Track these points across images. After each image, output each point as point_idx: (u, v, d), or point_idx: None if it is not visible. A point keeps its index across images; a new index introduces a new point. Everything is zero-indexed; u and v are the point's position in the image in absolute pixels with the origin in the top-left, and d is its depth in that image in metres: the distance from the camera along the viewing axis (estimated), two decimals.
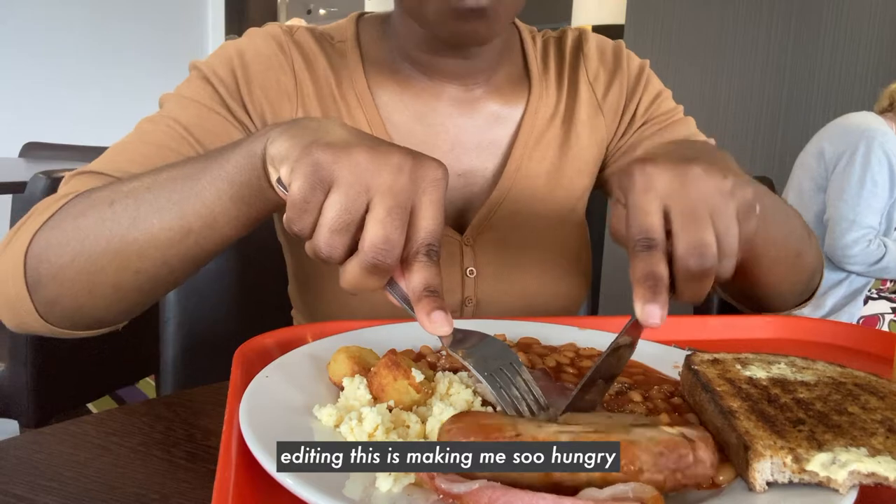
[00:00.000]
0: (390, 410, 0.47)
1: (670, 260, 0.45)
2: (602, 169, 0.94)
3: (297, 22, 4.20)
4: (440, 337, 0.45)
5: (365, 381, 0.49)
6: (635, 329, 0.47)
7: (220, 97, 0.77)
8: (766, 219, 0.63)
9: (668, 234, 0.46)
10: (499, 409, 0.48)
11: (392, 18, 0.86)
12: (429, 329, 0.44)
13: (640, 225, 0.45)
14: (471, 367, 0.47)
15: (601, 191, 0.98)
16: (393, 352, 0.51)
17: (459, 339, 0.48)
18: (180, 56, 4.00)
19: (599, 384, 0.49)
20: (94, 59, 3.67)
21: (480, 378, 0.47)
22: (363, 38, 0.86)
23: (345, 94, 0.83)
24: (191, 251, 0.59)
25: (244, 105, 0.78)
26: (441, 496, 0.37)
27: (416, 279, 0.44)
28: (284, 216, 0.47)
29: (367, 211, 0.44)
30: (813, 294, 0.82)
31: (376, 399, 0.48)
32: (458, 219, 0.85)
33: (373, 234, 0.43)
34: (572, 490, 0.37)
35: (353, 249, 0.45)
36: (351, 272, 0.45)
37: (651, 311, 0.43)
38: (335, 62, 0.84)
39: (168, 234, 0.57)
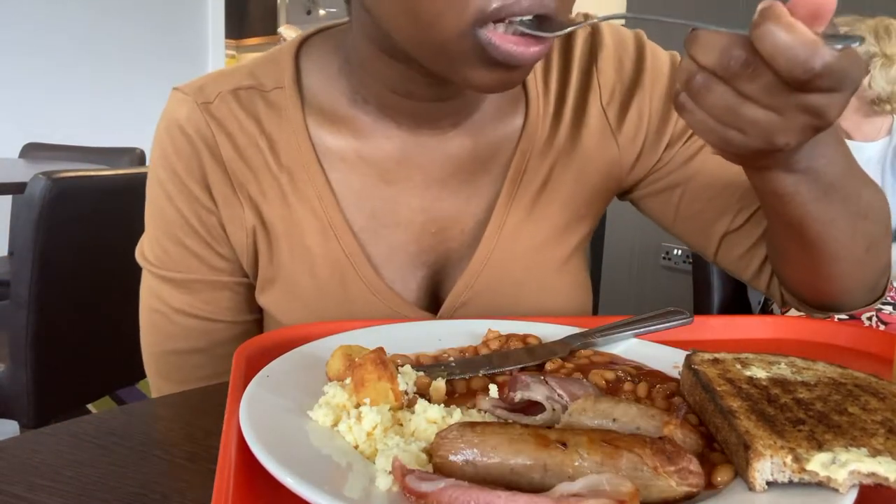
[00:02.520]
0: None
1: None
2: (623, 192, 0.82)
3: (290, 29, 4.10)
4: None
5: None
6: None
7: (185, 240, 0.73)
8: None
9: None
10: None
11: (351, 49, 0.70)
12: None
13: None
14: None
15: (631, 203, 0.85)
16: (382, 350, 0.50)
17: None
18: (181, 56, 4.00)
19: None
20: (95, 60, 3.67)
21: None
22: (306, 78, 0.72)
23: (286, 163, 0.70)
24: None
25: (203, 237, 0.73)
26: (407, 494, 0.37)
27: None
28: None
29: None
30: (883, 292, 0.74)
31: (355, 390, 0.47)
32: (432, 290, 0.75)
33: None
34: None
35: None
36: None
37: None
38: (269, 124, 0.70)
39: None
